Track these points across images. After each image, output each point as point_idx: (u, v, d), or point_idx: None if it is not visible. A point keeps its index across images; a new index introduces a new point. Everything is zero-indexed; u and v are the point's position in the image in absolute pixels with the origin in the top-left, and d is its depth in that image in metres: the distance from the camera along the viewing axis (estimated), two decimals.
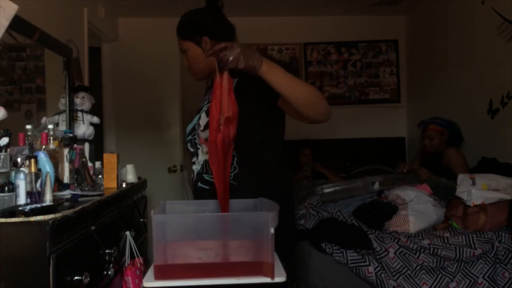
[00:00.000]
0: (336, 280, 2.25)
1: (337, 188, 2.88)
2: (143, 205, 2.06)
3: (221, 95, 1.18)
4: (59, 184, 1.53)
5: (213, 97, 1.20)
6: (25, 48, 2.07)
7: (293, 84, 1.27)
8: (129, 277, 1.54)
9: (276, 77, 1.24)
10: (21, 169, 1.25)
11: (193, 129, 1.59)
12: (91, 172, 1.77)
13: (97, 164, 1.93)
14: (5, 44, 1.83)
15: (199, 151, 1.56)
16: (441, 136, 3.09)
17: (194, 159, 1.60)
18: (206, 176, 1.52)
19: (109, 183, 1.74)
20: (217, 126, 1.18)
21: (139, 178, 2.04)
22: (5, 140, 1.18)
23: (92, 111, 2.17)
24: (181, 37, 1.56)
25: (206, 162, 1.51)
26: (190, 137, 1.61)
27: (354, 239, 2.25)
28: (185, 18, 1.56)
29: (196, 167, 1.58)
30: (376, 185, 2.83)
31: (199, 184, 1.56)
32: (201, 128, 1.54)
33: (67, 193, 1.47)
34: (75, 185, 1.64)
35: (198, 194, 1.56)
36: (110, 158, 1.75)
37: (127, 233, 1.67)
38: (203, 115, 1.55)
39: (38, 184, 1.24)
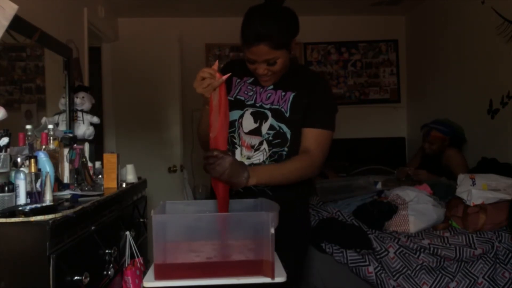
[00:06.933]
0: (336, 280, 2.25)
1: (337, 184, 2.87)
2: (143, 205, 2.06)
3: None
4: (59, 184, 1.53)
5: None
6: (25, 48, 2.07)
7: (284, 180, 1.41)
8: (129, 277, 1.54)
9: (265, 183, 1.39)
10: (21, 169, 1.25)
11: (233, 125, 1.50)
12: (91, 172, 1.77)
13: (97, 164, 1.93)
14: (5, 44, 1.82)
15: (237, 151, 1.50)
16: (442, 143, 3.11)
17: None
18: None
19: (109, 183, 1.74)
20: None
21: (139, 178, 2.04)
22: (5, 140, 1.18)
23: (92, 111, 2.17)
24: (274, 47, 1.37)
25: None
26: None
27: (354, 239, 2.25)
28: (275, 27, 1.37)
29: None
30: (379, 185, 2.83)
31: None
32: (245, 130, 1.48)
33: (67, 193, 1.47)
34: (75, 185, 1.64)
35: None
36: (110, 158, 1.75)
37: (127, 233, 1.66)
38: (248, 115, 1.49)
39: (38, 184, 1.24)
